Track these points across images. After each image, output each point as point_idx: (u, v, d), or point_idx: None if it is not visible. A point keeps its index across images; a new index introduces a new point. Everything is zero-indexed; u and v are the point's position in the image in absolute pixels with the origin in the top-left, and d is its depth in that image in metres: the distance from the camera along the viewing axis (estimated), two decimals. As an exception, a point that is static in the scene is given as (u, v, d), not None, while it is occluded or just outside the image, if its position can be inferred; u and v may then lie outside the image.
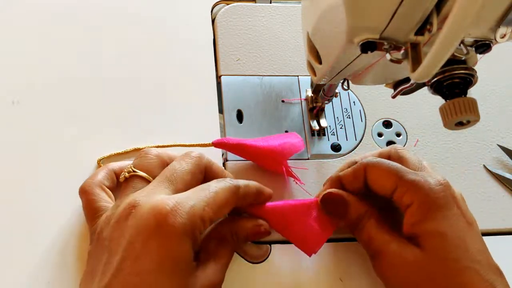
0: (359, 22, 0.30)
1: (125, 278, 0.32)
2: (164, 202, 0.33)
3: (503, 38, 0.30)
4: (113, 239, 0.34)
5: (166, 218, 0.33)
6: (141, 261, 0.32)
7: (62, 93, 0.50)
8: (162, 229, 0.32)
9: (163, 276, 0.32)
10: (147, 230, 0.32)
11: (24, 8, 0.55)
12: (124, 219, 0.34)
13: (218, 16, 0.58)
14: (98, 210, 0.39)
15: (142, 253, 0.32)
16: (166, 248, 0.32)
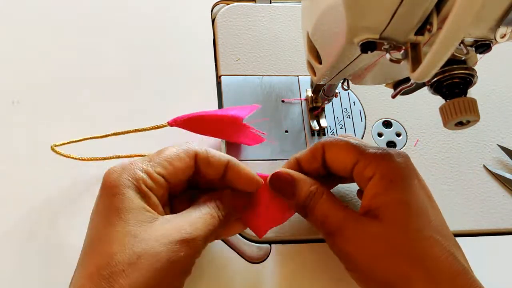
0: (359, 22, 0.30)
1: (88, 234, 0.34)
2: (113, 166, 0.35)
3: (503, 38, 0.30)
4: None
5: (105, 176, 0.35)
6: (93, 218, 0.35)
7: (62, 93, 0.50)
8: (103, 186, 0.35)
9: (109, 226, 0.33)
10: (99, 192, 0.35)
11: (24, 8, 0.55)
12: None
13: (218, 16, 0.58)
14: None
15: (93, 213, 0.35)
16: (105, 201, 0.34)
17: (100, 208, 0.34)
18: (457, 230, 0.49)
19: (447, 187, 0.51)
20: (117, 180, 0.34)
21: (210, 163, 0.38)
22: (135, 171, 0.35)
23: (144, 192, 0.34)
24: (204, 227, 0.35)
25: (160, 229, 0.33)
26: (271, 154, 0.50)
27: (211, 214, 0.36)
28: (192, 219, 0.35)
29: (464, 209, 0.50)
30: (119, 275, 0.31)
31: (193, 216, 0.35)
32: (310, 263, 0.45)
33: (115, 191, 0.34)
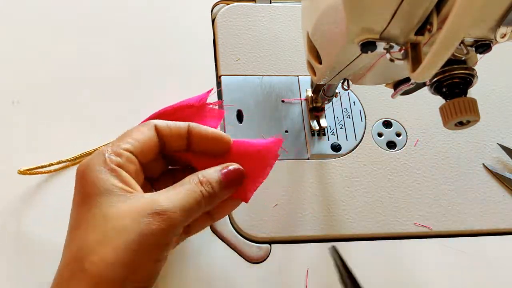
0: (359, 22, 0.30)
1: (68, 226, 0.35)
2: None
3: (503, 38, 0.30)
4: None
5: (77, 167, 0.35)
6: (71, 209, 0.35)
7: (62, 93, 0.50)
8: (76, 177, 0.35)
9: (84, 213, 0.33)
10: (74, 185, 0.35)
11: (24, 8, 0.55)
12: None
13: (218, 16, 0.58)
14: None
15: (71, 205, 0.35)
16: (78, 189, 0.34)
17: (75, 198, 0.34)
18: (457, 230, 0.49)
19: (447, 187, 0.51)
20: (86, 166, 0.34)
21: (172, 130, 0.37)
22: (101, 154, 0.35)
23: (114, 170, 0.34)
24: (181, 200, 0.34)
25: (132, 205, 0.33)
26: (271, 154, 0.50)
27: (192, 190, 0.35)
28: (168, 194, 0.34)
29: (464, 209, 0.50)
30: (89, 254, 0.31)
31: (170, 192, 0.34)
32: (310, 263, 0.45)
33: (85, 178, 0.34)
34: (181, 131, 0.38)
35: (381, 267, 0.46)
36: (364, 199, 0.49)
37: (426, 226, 0.49)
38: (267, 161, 0.40)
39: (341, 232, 0.47)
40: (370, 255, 0.47)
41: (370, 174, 0.51)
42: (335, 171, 0.50)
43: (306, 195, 0.48)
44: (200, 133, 0.38)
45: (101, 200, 0.33)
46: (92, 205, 0.33)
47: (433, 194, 0.50)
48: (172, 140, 0.38)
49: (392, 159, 0.52)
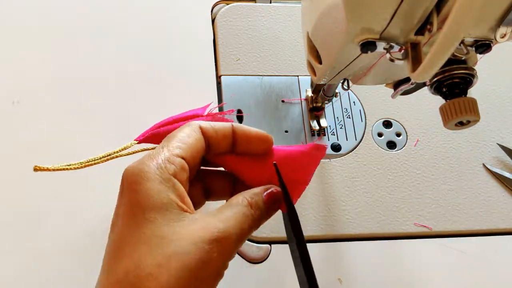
0: (359, 22, 0.30)
1: (111, 238, 0.32)
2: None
3: (503, 38, 0.30)
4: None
5: (125, 172, 0.32)
6: (115, 220, 0.32)
7: (62, 93, 0.50)
8: (123, 184, 0.32)
9: (135, 228, 0.31)
10: (119, 192, 0.33)
11: (24, 8, 0.55)
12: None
13: (218, 16, 0.58)
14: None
15: (115, 215, 0.32)
16: (128, 200, 0.31)
17: (123, 209, 0.32)
18: (457, 230, 0.49)
19: (447, 187, 0.51)
20: (138, 173, 0.31)
21: (217, 131, 0.35)
22: (155, 160, 0.32)
23: (169, 180, 0.32)
24: (237, 225, 0.32)
25: (190, 228, 0.31)
26: (271, 154, 0.50)
27: (244, 213, 0.33)
28: (224, 218, 0.32)
29: (464, 209, 0.50)
30: (146, 278, 0.29)
31: (225, 215, 0.32)
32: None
33: (137, 188, 0.31)
34: (226, 131, 0.36)
35: (381, 267, 0.46)
36: (364, 199, 0.49)
37: (426, 226, 0.49)
38: (308, 166, 0.39)
39: (341, 232, 0.47)
40: (370, 255, 0.47)
41: (370, 174, 0.51)
42: (335, 171, 0.50)
43: (306, 195, 0.48)
44: (245, 133, 0.36)
45: (157, 217, 0.30)
46: (145, 221, 0.30)
47: (433, 194, 0.50)
48: (218, 141, 0.35)
49: (392, 159, 0.52)
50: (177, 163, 0.32)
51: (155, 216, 0.30)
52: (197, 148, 0.34)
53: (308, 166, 0.38)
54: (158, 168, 0.32)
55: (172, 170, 0.32)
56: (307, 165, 0.38)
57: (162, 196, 0.31)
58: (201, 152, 0.35)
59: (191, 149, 0.34)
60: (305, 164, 0.38)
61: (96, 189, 0.45)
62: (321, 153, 0.39)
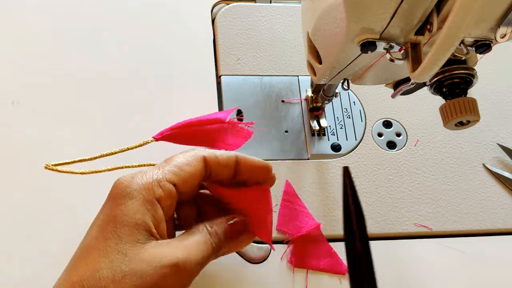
0: (359, 22, 0.30)
1: (82, 241, 0.33)
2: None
3: (503, 38, 0.30)
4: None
5: (114, 185, 0.34)
6: (91, 226, 0.34)
7: (62, 93, 0.50)
8: (110, 195, 0.34)
9: (102, 239, 0.32)
10: (105, 200, 0.34)
11: (24, 8, 0.55)
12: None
13: (218, 16, 0.58)
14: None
15: (93, 220, 0.34)
16: (108, 210, 0.33)
17: (100, 218, 0.33)
18: (457, 230, 0.49)
19: (447, 187, 0.51)
20: (125, 189, 0.33)
21: (220, 162, 0.36)
22: (145, 180, 0.33)
23: (151, 203, 0.33)
24: (197, 253, 0.33)
25: (152, 251, 0.31)
26: (271, 154, 0.50)
27: (204, 241, 0.34)
28: (185, 245, 0.33)
29: (464, 209, 0.50)
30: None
31: (186, 242, 0.33)
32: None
33: (119, 202, 0.32)
34: (230, 161, 0.37)
35: (381, 267, 0.46)
36: (364, 199, 0.49)
37: (426, 226, 0.49)
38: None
39: (341, 232, 0.47)
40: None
41: (370, 174, 0.51)
42: (335, 171, 0.50)
43: (306, 195, 0.48)
44: (247, 163, 0.38)
45: (123, 234, 0.31)
46: (112, 235, 0.31)
47: (433, 194, 0.50)
48: (220, 171, 0.37)
49: (392, 159, 0.52)
50: (165, 188, 0.33)
51: (124, 232, 0.31)
52: (194, 176, 0.35)
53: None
54: (145, 188, 0.33)
55: (158, 194, 0.33)
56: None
57: (137, 216, 0.32)
58: (199, 179, 0.36)
59: (187, 177, 0.35)
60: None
61: (99, 188, 0.45)
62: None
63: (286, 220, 0.46)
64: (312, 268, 0.45)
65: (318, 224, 0.46)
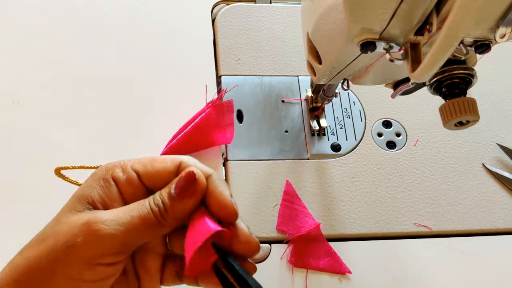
0: (359, 22, 0.30)
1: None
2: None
3: (503, 38, 0.30)
4: None
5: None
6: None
7: (62, 93, 0.51)
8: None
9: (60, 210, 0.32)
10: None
11: (24, 8, 0.55)
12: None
13: (218, 16, 0.58)
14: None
15: None
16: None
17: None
18: (457, 230, 0.49)
19: (447, 187, 0.51)
20: (95, 172, 0.33)
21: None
22: (112, 164, 0.33)
23: (107, 181, 0.31)
24: (121, 215, 0.30)
25: (80, 216, 0.30)
26: (271, 154, 0.50)
27: (140, 203, 0.31)
28: (117, 209, 0.31)
29: (464, 209, 0.50)
30: (29, 246, 0.30)
31: (120, 208, 0.31)
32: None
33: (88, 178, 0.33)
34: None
35: (381, 267, 0.46)
36: (364, 199, 0.49)
37: (426, 226, 0.49)
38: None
39: (341, 232, 0.47)
40: (370, 255, 0.47)
41: (370, 174, 0.51)
42: (335, 171, 0.50)
43: (306, 195, 0.48)
44: (216, 196, 0.32)
45: (68, 203, 0.31)
46: (65, 206, 0.31)
47: (433, 194, 0.50)
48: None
49: (392, 159, 0.52)
50: (126, 172, 0.32)
51: (68, 203, 0.31)
52: (161, 175, 0.32)
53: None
54: (106, 168, 0.32)
55: (116, 174, 0.32)
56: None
57: (85, 189, 0.31)
58: (167, 178, 0.32)
59: (153, 171, 0.32)
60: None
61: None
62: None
63: (286, 220, 0.46)
64: (312, 268, 0.45)
65: (318, 224, 0.46)
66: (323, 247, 0.46)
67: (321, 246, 0.46)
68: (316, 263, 0.45)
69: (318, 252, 0.45)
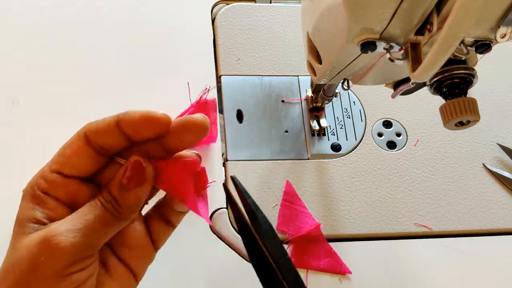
0: (359, 22, 0.30)
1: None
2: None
3: (503, 38, 0.30)
4: None
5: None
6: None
7: (62, 93, 0.50)
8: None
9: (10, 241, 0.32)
10: None
11: (24, 8, 0.55)
12: None
13: (218, 16, 0.58)
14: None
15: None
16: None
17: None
18: (458, 230, 0.49)
19: (447, 187, 0.51)
20: (23, 196, 0.32)
21: (99, 130, 0.32)
22: (33, 178, 0.32)
23: (37, 197, 0.31)
24: (75, 220, 0.29)
25: (34, 235, 0.30)
26: (271, 154, 0.50)
27: (88, 205, 0.31)
28: (67, 217, 0.30)
29: (464, 209, 0.50)
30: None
31: (70, 216, 0.30)
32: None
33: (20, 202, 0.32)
34: (110, 125, 0.33)
35: (382, 267, 0.46)
36: (364, 199, 0.49)
37: (426, 226, 0.49)
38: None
39: (341, 232, 0.47)
40: (370, 255, 0.47)
41: (370, 174, 0.51)
42: (335, 171, 0.50)
43: (306, 195, 0.48)
44: (130, 120, 0.33)
45: (16, 232, 0.31)
46: (13, 234, 0.31)
47: (433, 194, 0.50)
48: (105, 140, 0.32)
49: (392, 159, 0.52)
50: (49, 180, 0.32)
51: (17, 230, 0.31)
52: (77, 155, 0.32)
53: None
54: (30, 186, 0.32)
55: (42, 187, 0.31)
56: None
57: (25, 212, 0.31)
58: (88, 159, 0.32)
59: (68, 160, 0.32)
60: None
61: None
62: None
63: (286, 220, 0.46)
64: (312, 268, 0.45)
65: (318, 224, 0.46)
66: (323, 247, 0.46)
67: (321, 246, 0.46)
68: (316, 263, 0.45)
69: (318, 252, 0.45)
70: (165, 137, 0.33)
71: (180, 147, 0.33)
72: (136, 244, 0.33)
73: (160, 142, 0.33)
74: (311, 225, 0.46)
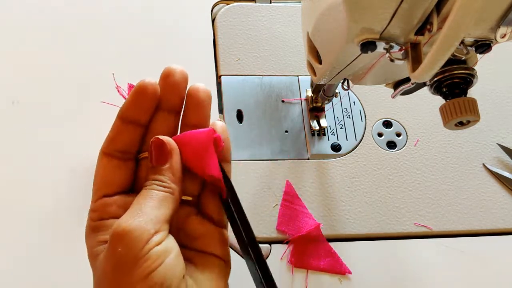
0: (359, 22, 0.30)
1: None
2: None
3: (503, 38, 0.30)
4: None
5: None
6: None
7: (61, 93, 0.50)
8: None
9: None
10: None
11: (24, 8, 0.55)
12: None
13: (218, 16, 0.58)
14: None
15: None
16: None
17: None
18: (457, 230, 0.49)
19: (447, 187, 0.51)
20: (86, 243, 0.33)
21: (112, 139, 0.34)
22: (87, 226, 0.33)
23: (96, 227, 0.33)
24: (131, 210, 0.31)
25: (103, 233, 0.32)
26: (271, 154, 0.50)
27: (138, 197, 0.32)
28: (130, 211, 0.31)
29: (464, 209, 0.50)
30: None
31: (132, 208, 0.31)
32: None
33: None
34: (117, 123, 0.36)
35: (381, 267, 0.46)
36: (364, 199, 0.49)
37: (426, 226, 0.49)
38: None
39: (341, 232, 0.47)
40: (370, 255, 0.47)
41: (370, 174, 0.51)
42: (335, 171, 0.50)
43: (306, 195, 0.48)
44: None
45: (93, 264, 0.32)
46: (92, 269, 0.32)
47: (433, 194, 0.50)
48: (117, 144, 0.34)
49: (392, 159, 0.52)
50: (97, 207, 0.33)
51: (92, 262, 0.32)
52: (108, 175, 0.34)
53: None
54: (86, 226, 0.33)
55: (96, 216, 0.33)
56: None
57: (93, 245, 0.32)
58: (118, 175, 0.34)
59: (104, 179, 0.34)
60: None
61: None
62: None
63: (286, 220, 0.46)
64: (312, 268, 0.45)
65: (318, 224, 0.46)
66: (323, 247, 0.46)
67: (321, 246, 0.46)
68: (316, 263, 0.45)
69: (318, 252, 0.45)
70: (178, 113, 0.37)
71: (193, 119, 0.37)
72: (200, 232, 0.34)
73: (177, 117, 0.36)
74: (311, 225, 0.46)
